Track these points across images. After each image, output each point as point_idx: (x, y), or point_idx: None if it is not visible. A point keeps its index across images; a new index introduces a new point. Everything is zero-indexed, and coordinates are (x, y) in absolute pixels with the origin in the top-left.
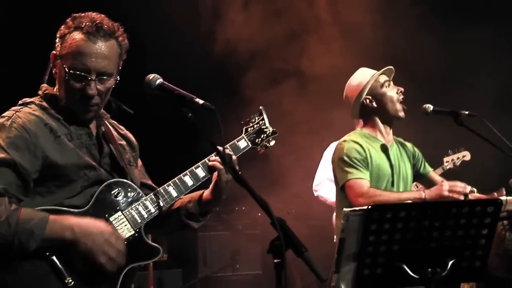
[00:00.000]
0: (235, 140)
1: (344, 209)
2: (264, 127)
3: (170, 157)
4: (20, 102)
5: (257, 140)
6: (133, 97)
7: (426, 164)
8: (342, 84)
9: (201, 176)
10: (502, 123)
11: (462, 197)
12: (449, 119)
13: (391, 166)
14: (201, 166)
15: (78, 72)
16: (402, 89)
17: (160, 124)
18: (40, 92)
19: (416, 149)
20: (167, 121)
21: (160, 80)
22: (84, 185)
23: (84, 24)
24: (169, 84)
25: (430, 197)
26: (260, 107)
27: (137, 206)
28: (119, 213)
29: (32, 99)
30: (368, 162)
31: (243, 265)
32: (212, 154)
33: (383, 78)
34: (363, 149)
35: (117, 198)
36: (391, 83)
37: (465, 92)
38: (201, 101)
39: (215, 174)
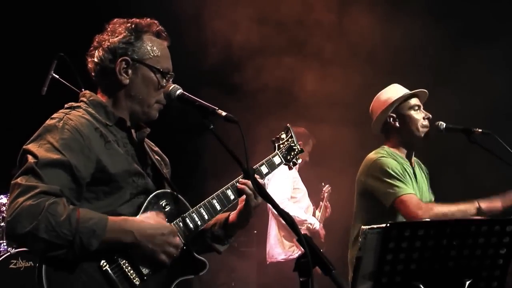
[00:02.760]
0: (270, 156)
1: (362, 226)
2: (293, 144)
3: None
4: (66, 105)
5: (288, 157)
6: None
7: (431, 192)
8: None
9: (232, 199)
10: None
11: None
12: None
13: (419, 188)
14: (230, 188)
15: (169, 74)
16: (430, 116)
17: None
18: (84, 99)
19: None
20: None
21: (180, 91)
22: (133, 193)
23: (152, 27)
24: (190, 95)
25: (485, 206)
26: (288, 125)
27: (184, 218)
28: None
29: (78, 104)
30: (403, 178)
31: (238, 283)
32: (240, 177)
33: (414, 100)
34: (398, 164)
35: (165, 210)
36: (421, 107)
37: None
38: (223, 113)
39: (243, 197)
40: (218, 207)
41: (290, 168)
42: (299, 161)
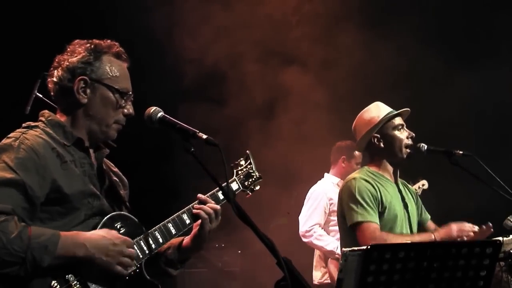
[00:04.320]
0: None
1: (343, 249)
2: (252, 171)
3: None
4: (24, 125)
5: (246, 183)
6: None
7: (426, 211)
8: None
9: (188, 223)
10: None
11: (471, 235)
12: None
13: (405, 206)
14: (186, 212)
15: (128, 94)
16: (413, 135)
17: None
18: (43, 118)
19: (416, 193)
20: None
21: (161, 114)
22: (87, 214)
23: (112, 48)
24: (171, 118)
25: (440, 239)
26: (247, 151)
27: (138, 241)
28: None
29: (36, 123)
30: (379, 202)
31: None
32: (195, 202)
33: (397, 120)
34: (374, 188)
35: (120, 232)
36: (404, 125)
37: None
38: (204, 136)
39: (198, 222)
40: (173, 231)
41: (247, 195)
42: (257, 187)
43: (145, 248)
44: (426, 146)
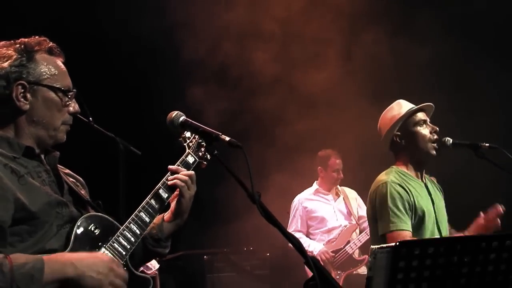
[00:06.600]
0: (183, 156)
1: (372, 246)
2: (201, 140)
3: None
4: None
5: (200, 154)
6: None
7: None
8: None
9: (165, 197)
10: None
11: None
12: None
13: (433, 205)
14: (162, 187)
15: (71, 91)
16: (437, 129)
17: None
18: None
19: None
20: None
21: (183, 117)
22: (59, 224)
23: (43, 44)
24: (193, 121)
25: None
26: (186, 119)
27: (117, 238)
28: (103, 249)
29: None
30: (412, 205)
31: None
32: (168, 174)
33: (420, 115)
34: (406, 191)
35: (96, 234)
36: (427, 120)
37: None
38: (227, 138)
39: (176, 193)
40: (147, 219)
41: (203, 165)
42: (209, 156)
43: (125, 243)
44: (451, 140)
